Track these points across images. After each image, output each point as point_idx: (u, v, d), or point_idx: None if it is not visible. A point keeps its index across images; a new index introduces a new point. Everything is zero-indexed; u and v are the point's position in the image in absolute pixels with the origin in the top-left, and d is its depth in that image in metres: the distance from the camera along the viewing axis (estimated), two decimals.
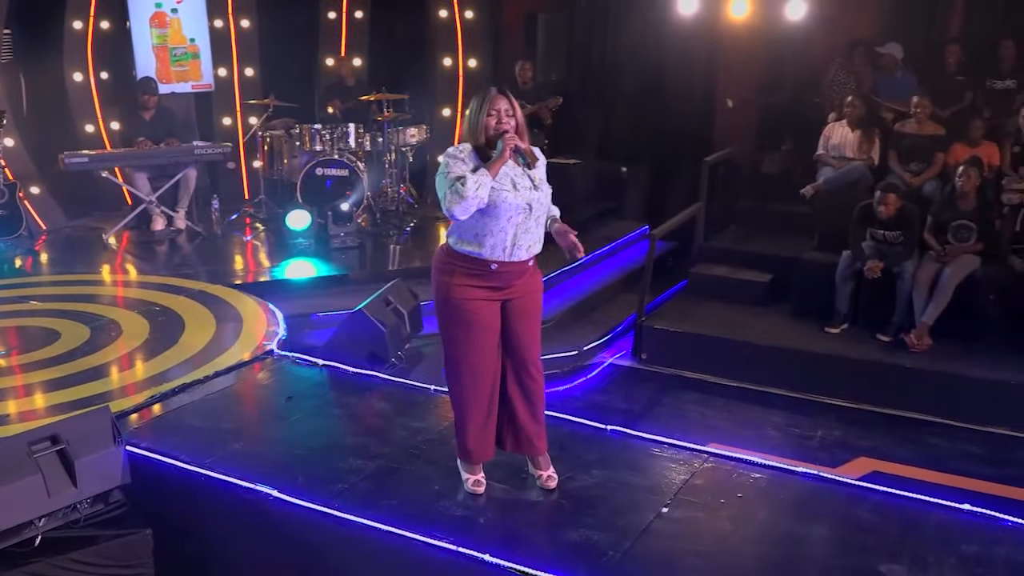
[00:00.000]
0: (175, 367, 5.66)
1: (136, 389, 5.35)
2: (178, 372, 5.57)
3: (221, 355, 5.85)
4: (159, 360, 5.77)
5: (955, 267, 7.10)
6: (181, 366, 5.68)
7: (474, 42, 10.22)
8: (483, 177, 3.91)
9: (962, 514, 4.17)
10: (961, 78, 9.06)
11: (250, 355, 5.84)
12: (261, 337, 6.17)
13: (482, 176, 3.91)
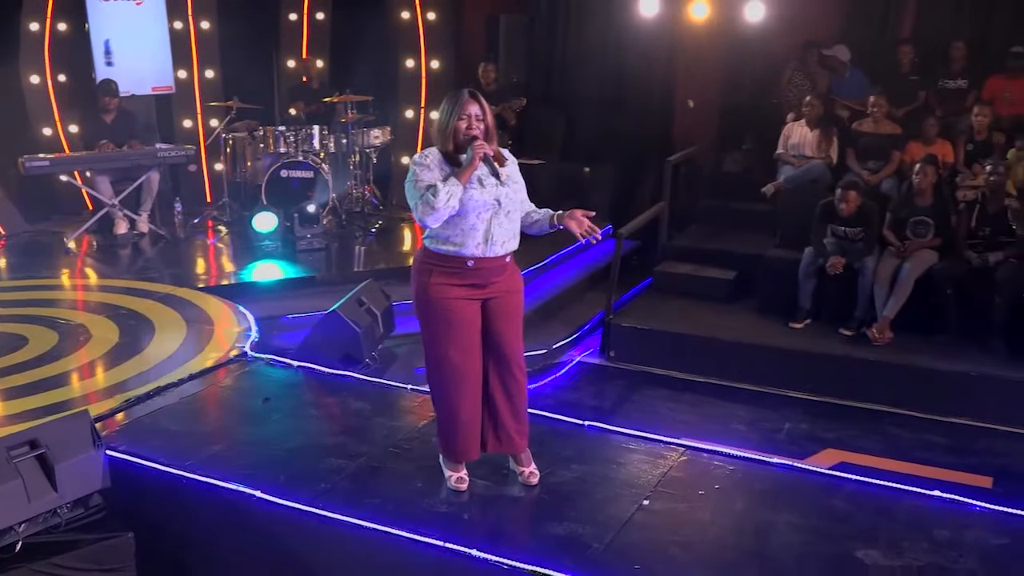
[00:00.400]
0: (148, 370, 5.63)
1: (110, 393, 5.31)
2: (151, 375, 5.54)
3: (194, 358, 5.83)
4: (132, 364, 5.74)
5: (914, 262, 7.29)
6: (154, 369, 5.65)
7: (436, 43, 10.25)
8: (454, 187, 3.96)
9: (932, 500, 4.30)
10: (914, 78, 9.28)
11: (223, 357, 5.82)
12: (233, 339, 6.15)
13: (453, 186, 3.96)
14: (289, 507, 4.20)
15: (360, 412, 5.23)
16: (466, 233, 4.05)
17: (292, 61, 10.78)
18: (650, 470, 4.56)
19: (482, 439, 4.36)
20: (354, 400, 5.35)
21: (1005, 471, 5.99)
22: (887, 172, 8.40)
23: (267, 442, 4.84)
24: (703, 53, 9.79)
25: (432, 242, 4.16)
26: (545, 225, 4.17)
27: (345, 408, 5.27)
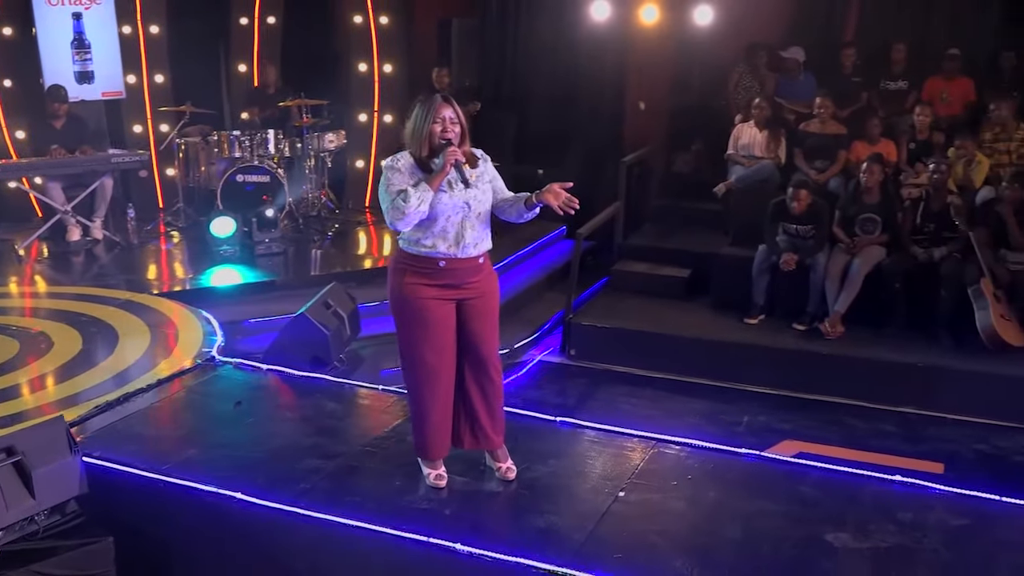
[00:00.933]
0: (115, 376, 5.60)
1: (78, 400, 5.27)
2: (119, 381, 5.51)
3: (161, 363, 5.81)
4: (98, 370, 5.69)
5: (863, 258, 7.53)
6: (121, 375, 5.62)
7: (389, 47, 10.28)
8: (424, 193, 4.03)
9: (895, 484, 4.48)
10: (857, 79, 9.57)
11: (191, 362, 5.81)
12: (199, 344, 6.13)
13: (423, 192, 4.03)
14: (270, 508, 4.23)
15: (333, 413, 5.27)
16: (437, 235, 4.13)
17: (243, 65, 10.73)
18: (623, 463, 4.68)
19: (459, 437, 4.44)
20: (327, 401, 5.39)
21: (955, 457, 6.24)
22: (834, 171, 8.64)
23: (243, 444, 4.85)
24: (653, 56, 9.96)
25: (406, 243, 4.24)
26: (522, 208, 4.17)
27: (318, 410, 5.30)
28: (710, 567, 3.78)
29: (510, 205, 4.23)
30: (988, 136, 8.31)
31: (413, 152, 4.18)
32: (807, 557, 3.88)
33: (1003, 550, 4.00)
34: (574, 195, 4.11)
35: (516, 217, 4.25)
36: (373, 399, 5.45)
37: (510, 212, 4.25)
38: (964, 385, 6.89)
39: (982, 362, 7.02)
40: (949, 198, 7.53)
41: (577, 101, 10.33)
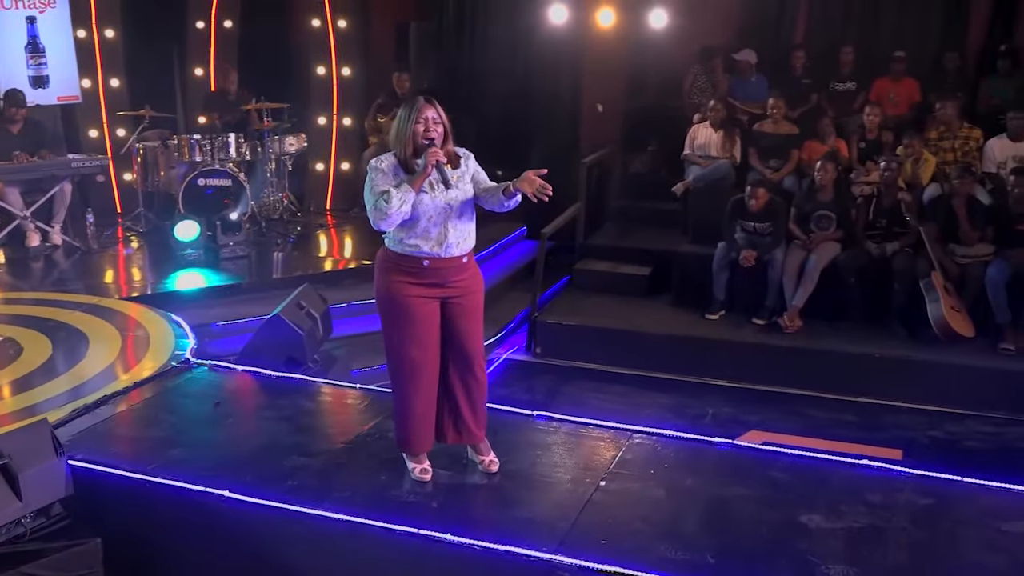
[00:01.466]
0: (89, 380, 5.59)
1: (53, 404, 5.26)
2: (95, 384, 5.51)
3: (135, 366, 5.82)
4: (72, 375, 5.68)
5: (819, 253, 7.77)
6: (96, 379, 5.61)
7: (347, 51, 10.32)
8: (406, 194, 4.12)
9: (862, 468, 4.67)
10: (807, 81, 9.85)
11: (165, 364, 5.82)
12: (171, 347, 6.14)
13: (405, 193, 4.12)
14: (260, 505, 4.29)
15: (313, 412, 5.34)
16: (420, 236, 4.23)
17: (200, 69, 10.69)
18: (602, 454, 4.80)
19: (442, 431, 4.53)
20: (305, 400, 5.45)
21: (912, 443, 6.48)
22: (788, 170, 8.89)
23: (225, 444, 4.91)
24: (608, 58, 10.14)
25: (391, 242, 4.33)
26: (500, 196, 4.25)
27: (297, 409, 5.35)
28: (692, 550, 3.91)
29: (491, 195, 4.31)
30: (934, 135, 8.61)
31: (397, 153, 4.26)
32: (784, 538, 4.03)
33: (966, 527, 4.20)
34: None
35: (497, 206, 4.32)
36: (351, 397, 5.51)
37: (491, 201, 4.32)
38: (918, 374, 7.16)
39: (934, 352, 7.30)
40: (900, 195, 7.81)
41: (535, 103, 10.47)
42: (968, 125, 8.57)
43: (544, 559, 3.86)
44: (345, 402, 5.47)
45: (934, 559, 3.95)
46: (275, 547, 4.30)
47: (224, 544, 4.38)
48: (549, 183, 4.19)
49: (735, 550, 3.94)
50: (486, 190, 4.34)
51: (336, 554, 4.20)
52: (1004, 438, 6.71)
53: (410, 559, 4.06)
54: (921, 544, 4.04)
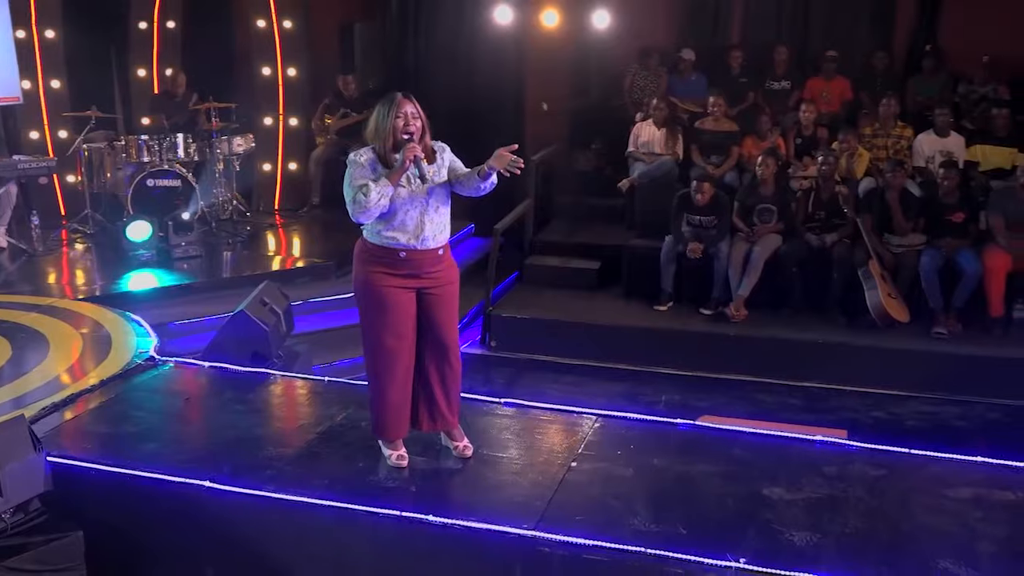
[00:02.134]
0: (53, 379, 5.58)
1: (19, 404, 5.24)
2: (59, 384, 5.50)
3: (99, 365, 5.82)
4: (35, 374, 5.66)
5: (762, 245, 8.07)
6: (60, 378, 5.60)
7: (293, 51, 10.35)
8: (384, 188, 4.25)
9: (816, 444, 4.92)
10: (744, 80, 10.18)
11: (130, 362, 5.83)
12: (133, 345, 6.15)
13: (383, 187, 4.25)
14: (242, 493, 4.37)
15: (284, 404, 5.43)
16: (397, 228, 4.35)
17: (143, 70, 10.62)
18: (570, 437, 4.98)
19: (417, 419, 4.65)
20: (275, 393, 5.54)
21: (855, 423, 6.80)
22: (728, 166, 9.19)
23: (200, 437, 4.98)
24: (553, 58, 10.36)
25: (369, 234, 4.45)
26: (476, 179, 4.35)
27: (268, 402, 5.44)
28: (664, 522, 4.11)
29: (467, 180, 4.41)
30: (868, 131, 8.99)
31: (376, 147, 4.38)
32: (749, 509, 4.25)
33: (916, 494, 4.47)
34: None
35: (473, 190, 4.42)
36: (320, 390, 5.60)
37: (467, 186, 4.42)
38: (858, 358, 7.50)
39: (873, 337, 7.66)
40: (836, 188, 8.15)
41: (480, 102, 10.59)
42: (902, 124, 8.96)
43: (526, 536, 4.02)
44: (314, 394, 5.55)
45: (888, 523, 4.20)
46: (258, 535, 4.38)
47: (206, 534, 4.43)
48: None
49: (704, 522, 4.15)
50: (461, 176, 4.45)
51: (320, 540, 4.29)
52: (940, 417, 7.09)
53: (394, 542, 4.19)
54: (875, 511, 4.29)
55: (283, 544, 4.35)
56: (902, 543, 4.01)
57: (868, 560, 3.82)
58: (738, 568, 3.78)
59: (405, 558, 4.18)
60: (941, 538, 4.02)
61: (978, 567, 3.78)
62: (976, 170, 8.69)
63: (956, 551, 3.89)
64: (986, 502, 4.32)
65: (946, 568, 3.77)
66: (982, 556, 3.88)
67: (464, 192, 4.47)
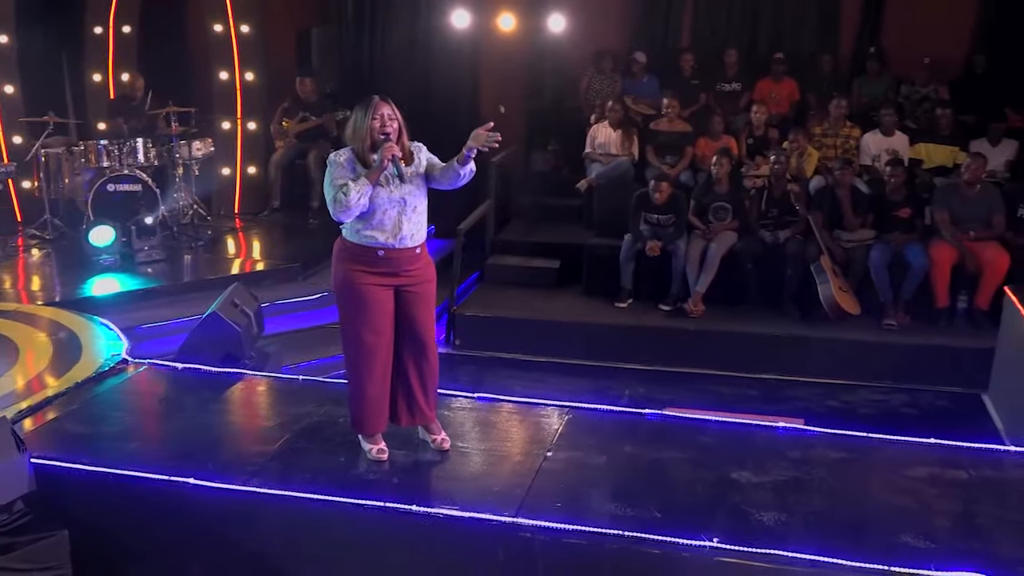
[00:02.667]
0: (27, 383, 5.60)
1: None
2: (35, 387, 5.52)
3: (72, 368, 5.83)
4: (6, 379, 5.67)
5: (718, 242, 8.30)
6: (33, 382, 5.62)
7: (250, 56, 10.38)
8: (364, 187, 4.37)
9: (779, 430, 5.14)
10: (696, 82, 10.45)
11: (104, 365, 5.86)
12: (104, 348, 6.17)
13: (363, 186, 4.37)
14: (227, 489, 4.45)
15: (261, 403, 5.51)
16: (375, 227, 4.48)
17: (98, 75, 10.59)
18: (543, 428, 5.14)
19: (396, 414, 4.77)
20: (251, 392, 5.62)
21: (811, 413, 7.04)
22: (683, 166, 9.45)
23: (180, 437, 5.03)
24: (508, 61, 10.54)
25: (348, 233, 4.57)
26: (455, 167, 4.46)
27: (245, 401, 5.52)
28: (639, 506, 4.28)
29: (446, 171, 4.52)
30: (817, 131, 9.29)
31: (355, 148, 4.50)
32: (719, 492, 4.45)
33: (874, 474, 4.72)
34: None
35: (453, 180, 4.51)
36: (295, 388, 5.69)
37: (448, 177, 4.52)
38: (812, 350, 7.77)
39: (826, 329, 7.94)
40: (788, 186, 8.42)
41: (438, 105, 10.72)
42: (850, 124, 9.27)
43: (507, 522, 4.17)
44: (290, 393, 5.63)
45: (849, 502, 4.43)
46: (242, 530, 4.46)
47: (191, 531, 4.50)
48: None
49: (677, 505, 4.33)
50: (441, 170, 4.56)
51: (305, 533, 4.39)
52: (890, 404, 7.39)
53: (379, 532, 4.30)
54: (838, 491, 4.51)
55: (268, 538, 4.44)
56: (865, 520, 4.22)
57: (834, 537, 4.02)
58: (712, 547, 3.96)
59: (390, 548, 4.30)
60: (900, 514, 4.25)
61: (936, 540, 4.01)
62: (920, 168, 9.05)
63: (915, 526, 4.12)
64: (940, 480, 4.56)
65: (907, 542, 3.99)
66: (939, 530, 4.12)
67: (444, 185, 4.56)
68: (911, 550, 3.92)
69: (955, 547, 3.95)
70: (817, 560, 3.86)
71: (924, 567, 3.80)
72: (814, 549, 3.90)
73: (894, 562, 3.83)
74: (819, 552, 3.88)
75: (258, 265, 8.90)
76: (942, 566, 3.79)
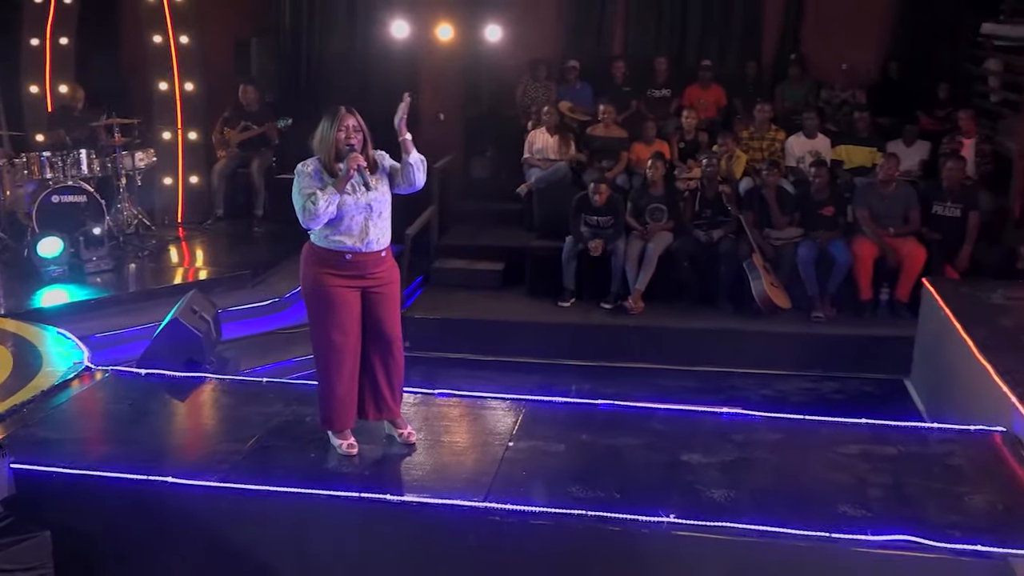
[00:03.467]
0: None
1: None
2: None
3: (35, 377, 5.91)
4: None
5: (655, 242, 8.68)
6: None
7: (189, 66, 10.46)
8: (332, 196, 4.60)
9: (723, 415, 5.50)
10: (627, 89, 10.83)
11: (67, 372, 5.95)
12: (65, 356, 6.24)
13: (331, 195, 4.60)
14: (204, 487, 4.63)
15: (228, 405, 5.67)
16: (343, 232, 4.71)
17: (35, 87, 10.56)
18: (503, 420, 5.42)
19: (364, 409, 5.01)
20: (217, 395, 5.79)
21: (748, 402, 7.40)
22: (619, 169, 9.81)
23: (152, 438, 5.19)
24: (447, 69, 10.81)
25: (316, 238, 4.79)
26: (405, 159, 4.74)
27: (212, 403, 5.68)
28: (600, 488, 4.59)
29: (400, 170, 4.77)
30: (745, 135, 9.74)
31: (321, 158, 4.72)
32: (673, 473, 4.79)
33: (813, 452, 5.09)
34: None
35: (409, 174, 4.74)
36: (260, 390, 5.84)
37: (404, 175, 4.76)
38: (746, 343, 8.19)
39: (759, 323, 8.36)
40: (720, 188, 8.84)
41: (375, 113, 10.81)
42: (774, 128, 9.74)
43: (478, 507, 4.44)
44: (255, 394, 5.79)
45: (791, 478, 4.81)
46: (220, 526, 4.64)
47: (171, 529, 4.65)
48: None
49: (635, 486, 4.65)
50: (398, 172, 4.79)
51: (282, 526, 4.59)
52: (820, 391, 7.85)
53: (354, 522, 4.54)
54: (780, 467, 4.91)
55: (245, 533, 4.63)
56: (806, 494, 4.60)
57: (779, 510, 4.37)
58: (669, 523, 4.29)
59: (365, 537, 4.54)
60: (838, 488, 4.63)
61: (871, 509, 4.40)
62: (841, 168, 9.55)
63: (851, 498, 4.50)
64: (872, 456, 4.96)
65: (845, 512, 4.37)
66: (873, 500, 4.51)
67: (404, 186, 4.79)
68: (849, 519, 4.30)
69: (888, 515, 4.34)
70: (765, 531, 4.21)
71: (861, 533, 4.18)
72: (761, 521, 4.25)
73: (834, 530, 4.21)
74: (766, 524, 4.23)
75: (206, 273, 8.99)
76: (877, 532, 4.17)
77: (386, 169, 4.86)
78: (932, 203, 8.64)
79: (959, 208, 8.48)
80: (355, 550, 4.56)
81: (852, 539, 4.16)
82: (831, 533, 4.19)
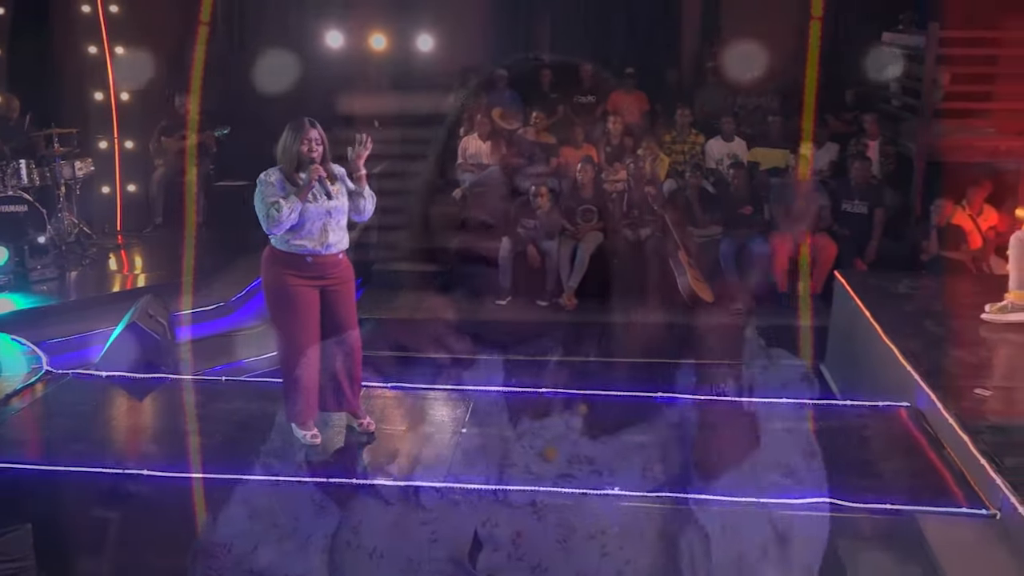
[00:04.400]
0: None
1: None
2: None
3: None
4: None
5: (586, 242, 9.13)
6: None
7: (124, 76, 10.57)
8: (295, 204, 4.94)
9: (657, 399, 5.96)
10: (554, 96, 11.29)
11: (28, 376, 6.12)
12: (23, 361, 6.41)
13: (294, 203, 4.94)
14: (180, 477, 4.91)
15: (191, 403, 5.92)
16: (304, 237, 5.05)
17: None
18: (455, 410, 5.80)
19: (324, 401, 5.34)
20: (180, 394, 6.04)
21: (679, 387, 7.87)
22: (549, 173, 10.23)
23: (122, 436, 5.45)
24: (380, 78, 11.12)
25: (278, 242, 5.11)
26: (355, 191, 5.17)
27: (176, 403, 5.92)
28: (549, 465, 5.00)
29: (353, 199, 5.18)
30: (667, 139, 10.27)
31: (283, 168, 5.04)
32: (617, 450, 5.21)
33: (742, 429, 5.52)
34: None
35: (359, 203, 5.19)
36: (220, 388, 6.14)
37: (357, 204, 5.19)
38: (674, 335, 8.65)
39: (685, 316, 8.84)
40: (645, 189, 9.33)
41: None
42: (695, 131, 10.29)
43: (440, 487, 4.81)
44: (216, 392, 6.06)
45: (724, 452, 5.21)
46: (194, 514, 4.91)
47: (148, 520, 4.91)
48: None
49: (582, 459, 5.08)
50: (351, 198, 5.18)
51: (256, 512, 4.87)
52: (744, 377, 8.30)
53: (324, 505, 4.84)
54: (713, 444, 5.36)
55: (220, 519, 4.89)
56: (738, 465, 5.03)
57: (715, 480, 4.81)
58: (615, 494, 4.72)
59: (336, 520, 4.84)
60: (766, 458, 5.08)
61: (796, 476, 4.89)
62: (758, 169, 10.13)
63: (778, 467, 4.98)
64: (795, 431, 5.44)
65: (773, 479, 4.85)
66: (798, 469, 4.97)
67: (354, 213, 5.22)
68: (777, 485, 4.78)
69: (811, 480, 4.83)
70: (703, 499, 4.66)
71: (788, 497, 4.66)
72: (700, 491, 4.70)
73: (764, 495, 4.68)
74: (704, 493, 4.68)
75: (150, 279, 9.13)
76: (802, 495, 4.65)
77: (346, 181, 5.19)
78: (841, 201, 9.26)
79: (866, 205, 9.13)
80: (327, 532, 4.86)
81: (780, 502, 4.64)
82: (760, 498, 4.67)
